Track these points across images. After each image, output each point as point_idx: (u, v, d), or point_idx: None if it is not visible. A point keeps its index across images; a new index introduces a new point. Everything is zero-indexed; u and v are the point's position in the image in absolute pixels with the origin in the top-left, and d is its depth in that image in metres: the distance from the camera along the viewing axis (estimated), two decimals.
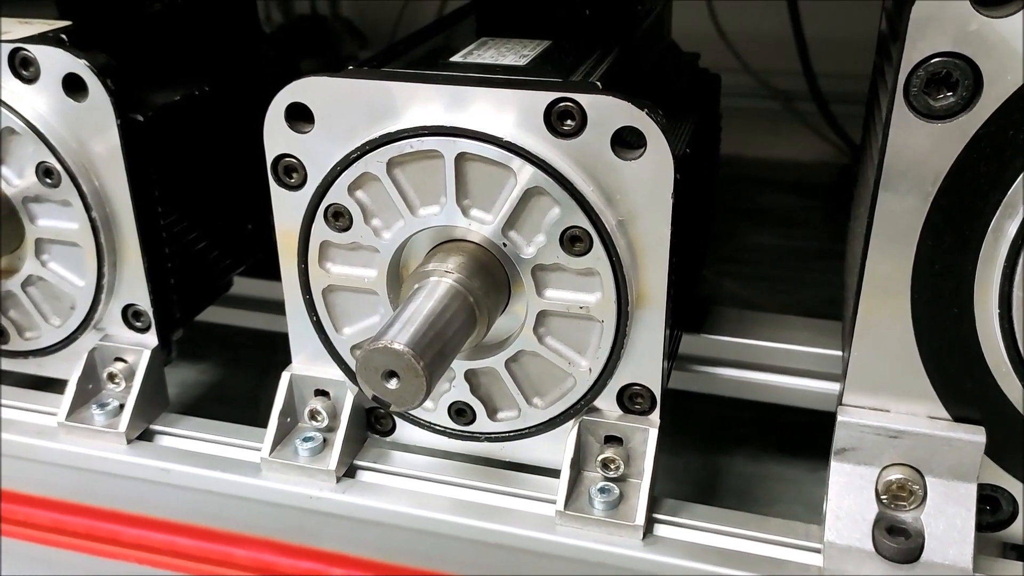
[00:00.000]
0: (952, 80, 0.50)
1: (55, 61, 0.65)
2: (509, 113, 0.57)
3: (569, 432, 0.63)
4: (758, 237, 1.29)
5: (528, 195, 0.58)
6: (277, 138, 0.62)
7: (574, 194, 0.57)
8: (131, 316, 0.72)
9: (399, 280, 0.64)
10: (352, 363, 0.66)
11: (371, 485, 0.66)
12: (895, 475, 0.58)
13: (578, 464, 0.64)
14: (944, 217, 0.53)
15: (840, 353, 0.78)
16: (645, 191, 0.57)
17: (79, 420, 0.71)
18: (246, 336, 0.96)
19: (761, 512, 0.80)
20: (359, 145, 0.59)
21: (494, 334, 0.63)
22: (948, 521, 0.57)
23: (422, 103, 0.58)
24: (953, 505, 0.57)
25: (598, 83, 0.58)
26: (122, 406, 0.72)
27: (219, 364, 0.98)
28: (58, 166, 0.67)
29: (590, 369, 0.62)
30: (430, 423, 0.67)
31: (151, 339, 0.72)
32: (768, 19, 1.29)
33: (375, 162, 0.59)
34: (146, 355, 0.72)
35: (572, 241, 0.58)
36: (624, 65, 0.65)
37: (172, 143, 0.72)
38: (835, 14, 1.28)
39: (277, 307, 0.91)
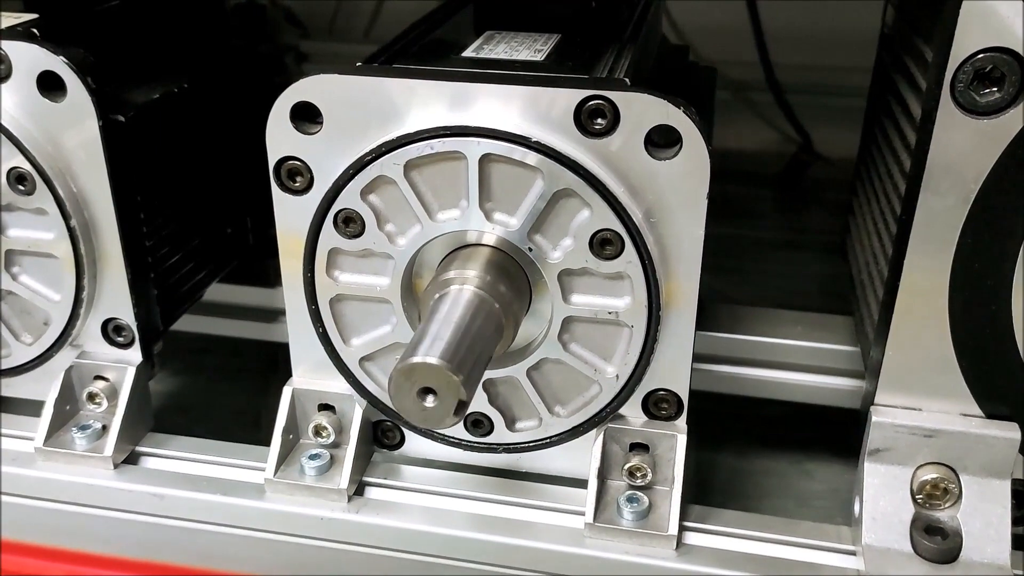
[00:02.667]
0: (998, 75, 0.50)
1: (29, 58, 0.60)
2: (536, 112, 0.54)
3: (594, 441, 0.61)
4: (718, 228, 1.29)
5: (556, 197, 0.55)
6: (281, 140, 0.58)
7: (605, 195, 0.55)
8: (112, 331, 0.67)
9: (412, 288, 0.61)
10: (361, 375, 0.63)
11: (385, 503, 0.63)
12: (930, 474, 0.57)
13: (603, 473, 0.61)
14: (986, 215, 0.52)
15: (827, 346, 0.78)
16: (679, 191, 0.55)
17: (58, 445, 0.66)
18: (205, 342, 0.92)
19: (752, 507, 0.80)
20: (375, 147, 0.56)
21: (514, 342, 0.60)
22: (984, 519, 0.57)
23: (442, 102, 0.55)
24: (989, 503, 0.57)
25: (626, 80, 0.56)
26: (105, 428, 0.67)
27: (175, 372, 0.93)
28: (32, 171, 0.62)
29: (617, 376, 0.59)
30: (443, 435, 0.64)
31: (134, 355, 0.68)
32: (721, 9, 1.29)
33: (392, 164, 0.56)
34: (130, 372, 0.67)
35: (602, 244, 0.56)
36: (641, 60, 0.63)
37: (153, 144, 0.67)
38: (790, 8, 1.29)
39: (234, 311, 0.88)
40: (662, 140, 0.54)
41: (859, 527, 0.58)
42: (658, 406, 0.61)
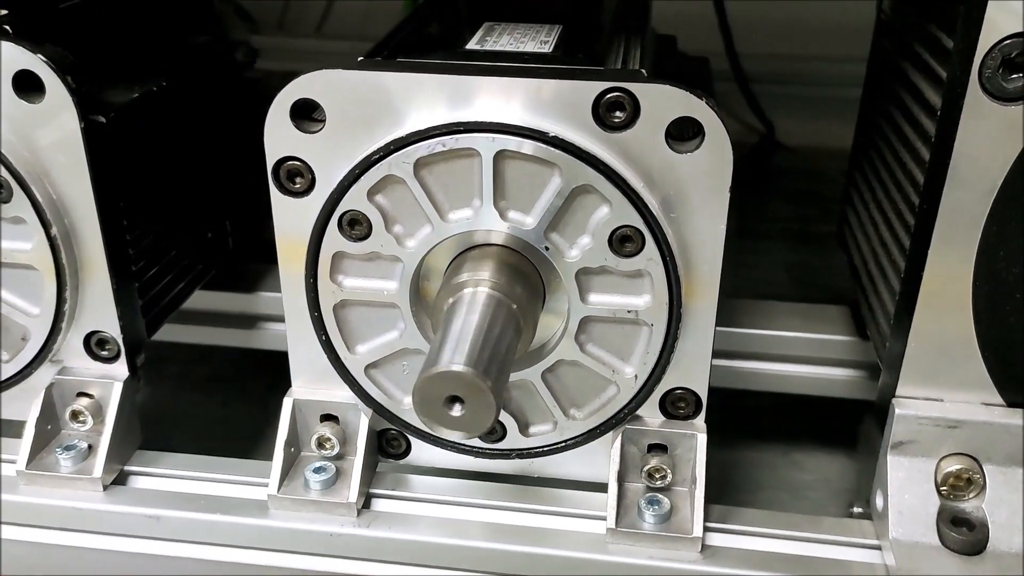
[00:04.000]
0: (1021, 61, 0.49)
1: (3, 57, 0.56)
2: (552, 105, 0.52)
3: (613, 443, 0.60)
4: None
5: (574, 194, 0.53)
6: (280, 139, 0.55)
7: (626, 191, 0.53)
8: (95, 344, 0.64)
9: (420, 292, 0.58)
10: (366, 383, 0.60)
11: (396, 515, 0.60)
12: (954, 465, 0.57)
13: (621, 476, 0.60)
14: (1012, 203, 0.52)
15: (822, 337, 0.78)
16: (701, 184, 0.53)
17: (42, 467, 0.62)
18: (167, 349, 0.88)
19: (747, 500, 0.79)
20: (382, 145, 0.53)
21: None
22: (1010, 508, 0.56)
23: (452, 97, 0.53)
24: (1013, 492, 0.57)
25: (643, 71, 0.54)
26: (91, 447, 0.63)
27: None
28: (8, 177, 0.58)
29: (636, 376, 0.58)
30: (454, 442, 0.62)
31: (120, 369, 0.64)
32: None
33: (401, 163, 0.54)
34: (117, 388, 0.64)
35: (622, 241, 0.54)
36: (648, 51, 0.61)
37: (133, 146, 0.63)
38: None
39: (208, 318, 0.84)
40: (682, 133, 0.53)
41: (884, 521, 0.57)
42: (675, 405, 0.60)
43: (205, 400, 0.93)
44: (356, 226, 0.56)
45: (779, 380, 0.80)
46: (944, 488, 0.57)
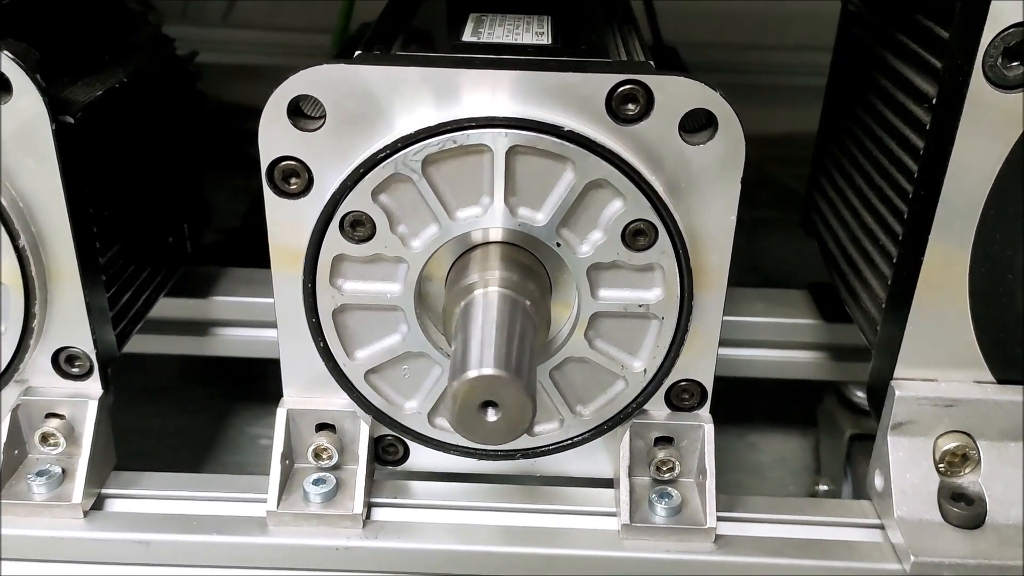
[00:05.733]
0: (1019, 49, 0.50)
1: None
2: (564, 99, 0.51)
3: (621, 438, 0.59)
4: None
5: (587, 189, 0.52)
6: (276, 138, 0.52)
7: (640, 185, 0.52)
8: (63, 361, 0.59)
9: (423, 293, 0.56)
10: (366, 390, 0.58)
11: (403, 524, 0.58)
12: (951, 443, 0.59)
13: (630, 471, 0.59)
14: (1010, 187, 0.53)
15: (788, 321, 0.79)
16: (713, 175, 0.53)
17: (14, 496, 0.58)
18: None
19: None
20: (390, 142, 0.51)
21: None
22: (1005, 482, 0.58)
23: (462, 91, 0.51)
24: (1007, 466, 0.59)
25: (651, 63, 0.53)
26: (65, 471, 0.59)
27: None
28: None
29: (645, 370, 0.57)
30: (455, 445, 0.60)
31: (92, 386, 0.60)
32: None
33: (409, 161, 0.52)
34: (92, 407, 0.59)
35: (635, 235, 0.53)
36: (642, 43, 0.60)
37: (99, 147, 0.59)
38: None
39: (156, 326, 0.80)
40: (693, 124, 0.52)
41: (887, 501, 0.59)
42: (680, 397, 0.60)
43: (147, 413, 0.89)
44: (359, 227, 0.54)
45: (744, 366, 0.81)
46: (942, 465, 0.59)
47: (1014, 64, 0.51)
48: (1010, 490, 0.58)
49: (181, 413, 0.94)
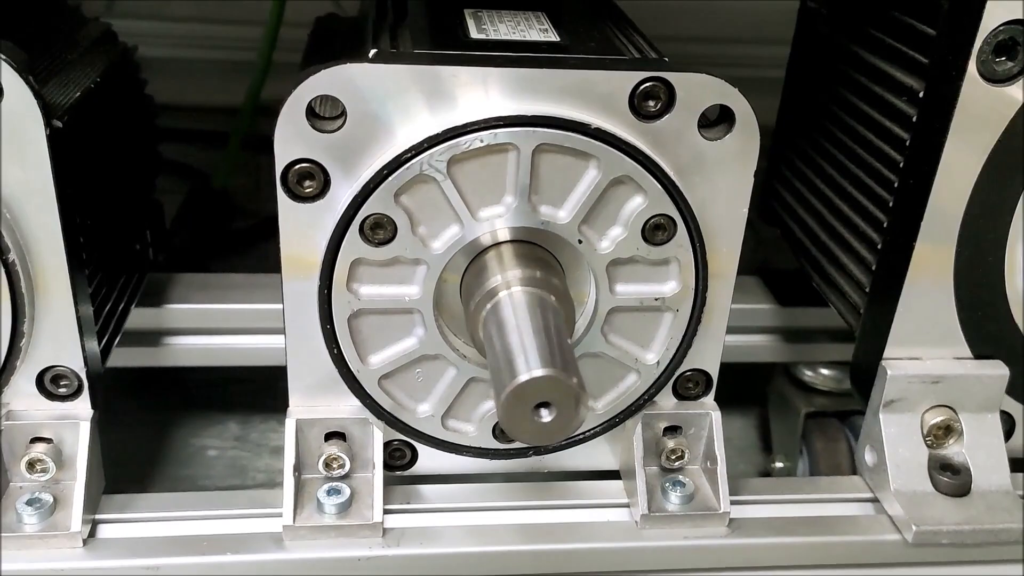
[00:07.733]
0: (1009, 46, 0.54)
1: None
2: (588, 97, 0.51)
3: (634, 430, 0.60)
4: None
5: (610, 185, 0.53)
6: (293, 141, 0.51)
7: (661, 180, 0.53)
8: (49, 382, 0.56)
9: (441, 294, 0.55)
10: (379, 395, 0.57)
11: (421, 529, 0.57)
12: (937, 417, 0.62)
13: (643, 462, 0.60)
14: (996, 175, 0.57)
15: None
16: (728, 170, 0.54)
17: (4, 528, 0.54)
18: None
19: None
20: (416, 143, 0.50)
21: None
22: (985, 451, 0.62)
23: (487, 90, 0.51)
24: (986, 436, 0.63)
25: (667, 59, 0.54)
26: (56, 498, 0.55)
27: None
28: None
29: (658, 362, 0.58)
30: (467, 446, 0.60)
31: (82, 407, 0.56)
32: None
33: (435, 161, 0.51)
34: (84, 428, 0.56)
35: (655, 230, 0.54)
36: (644, 38, 0.61)
37: (82, 152, 0.56)
38: None
39: None
40: (711, 120, 0.53)
41: (882, 475, 0.61)
42: (685, 386, 0.61)
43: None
44: (379, 230, 0.52)
45: None
46: (929, 439, 0.62)
47: (1002, 59, 0.54)
48: (991, 458, 0.62)
49: (118, 428, 0.89)
